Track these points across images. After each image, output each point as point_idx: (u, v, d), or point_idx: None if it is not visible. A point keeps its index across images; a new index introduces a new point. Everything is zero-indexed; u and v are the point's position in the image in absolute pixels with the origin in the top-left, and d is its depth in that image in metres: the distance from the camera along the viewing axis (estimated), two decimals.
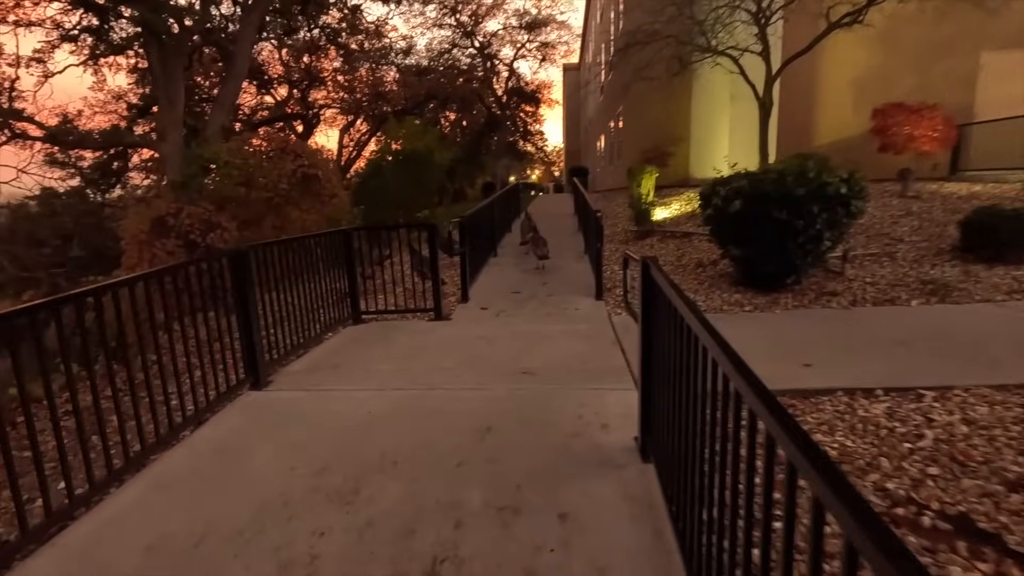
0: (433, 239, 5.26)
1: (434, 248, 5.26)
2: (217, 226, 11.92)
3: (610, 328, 4.77)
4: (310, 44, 23.31)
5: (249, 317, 3.63)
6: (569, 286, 6.56)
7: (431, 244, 5.27)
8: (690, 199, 10.36)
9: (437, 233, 5.26)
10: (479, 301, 6.05)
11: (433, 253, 5.26)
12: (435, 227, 5.24)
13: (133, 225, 11.44)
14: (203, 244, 11.78)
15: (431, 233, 5.25)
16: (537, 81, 39.13)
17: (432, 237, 5.26)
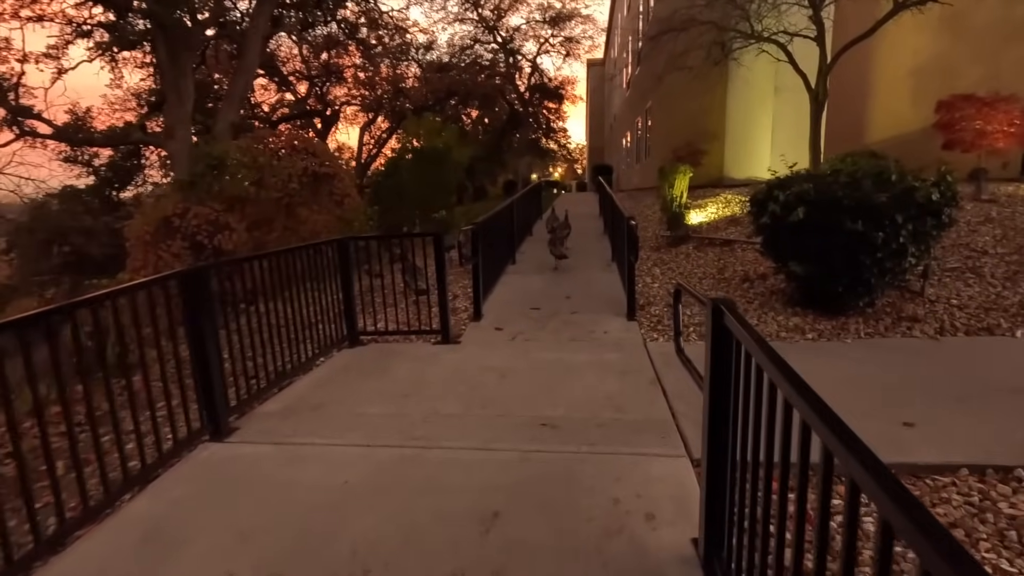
0: (439, 249, 4.56)
1: (440, 258, 4.56)
2: (225, 227, 11.46)
3: (647, 359, 4.01)
4: (328, 40, 22.90)
5: (206, 353, 2.97)
6: (596, 302, 5.80)
7: (437, 255, 4.57)
8: (727, 201, 9.48)
9: (442, 243, 4.56)
10: (493, 319, 5.34)
11: (440, 264, 4.57)
12: (440, 236, 4.54)
13: (138, 226, 11.03)
14: (210, 246, 11.31)
15: (436, 243, 4.55)
16: (560, 77, 38.24)
17: (438, 247, 4.56)
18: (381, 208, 15.45)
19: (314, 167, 12.23)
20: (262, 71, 23.79)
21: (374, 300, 5.23)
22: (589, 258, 8.26)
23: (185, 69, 11.99)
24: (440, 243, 4.56)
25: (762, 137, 11.17)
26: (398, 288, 5.92)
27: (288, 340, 3.92)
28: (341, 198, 12.82)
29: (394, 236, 4.76)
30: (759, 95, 10.89)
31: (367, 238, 4.61)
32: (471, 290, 6.56)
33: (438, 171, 15.86)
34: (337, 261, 4.59)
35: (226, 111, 11.93)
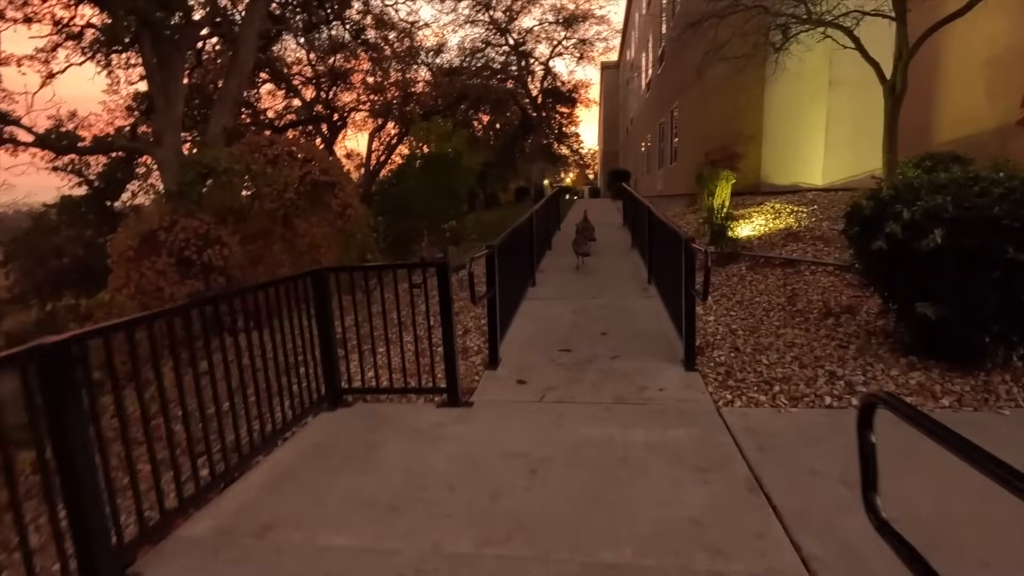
0: (444, 282, 3.49)
1: (445, 294, 3.49)
2: (216, 241, 10.52)
3: (728, 438, 2.91)
4: (335, 43, 22.07)
5: (75, 468, 1.90)
6: (640, 341, 4.69)
7: (441, 290, 3.50)
8: (776, 211, 8.32)
9: (447, 275, 3.48)
10: (514, 366, 4.25)
11: (445, 303, 3.50)
12: (444, 267, 3.46)
13: (121, 241, 10.11)
14: (199, 262, 10.39)
15: (440, 275, 3.48)
16: (574, 80, 37.15)
17: (442, 279, 3.49)
18: (387, 219, 14.47)
19: (313, 175, 11.27)
20: (267, 76, 23.08)
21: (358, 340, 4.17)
22: (621, 280, 7.14)
23: (175, 70, 11.10)
24: (445, 275, 3.48)
25: (812, 138, 9.99)
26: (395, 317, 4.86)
27: (242, 408, 2.88)
28: (343, 208, 11.84)
29: (384, 267, 3.68)
30: (809, 90, 9.70)
31: (350, 269, 3.57)
32: (484, 322, 5.50)
33: (448, 178, 14.84)
34: (313, 297, 3.55)
35: (218, 114, 11.00)
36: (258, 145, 11.25)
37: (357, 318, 3.82)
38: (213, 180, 10.90)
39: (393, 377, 3.94)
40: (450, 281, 3.49)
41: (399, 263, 5.33)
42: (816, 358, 3.90)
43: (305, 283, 3.48)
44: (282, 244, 11.43)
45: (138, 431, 2.42)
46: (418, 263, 3.67)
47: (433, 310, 3.63)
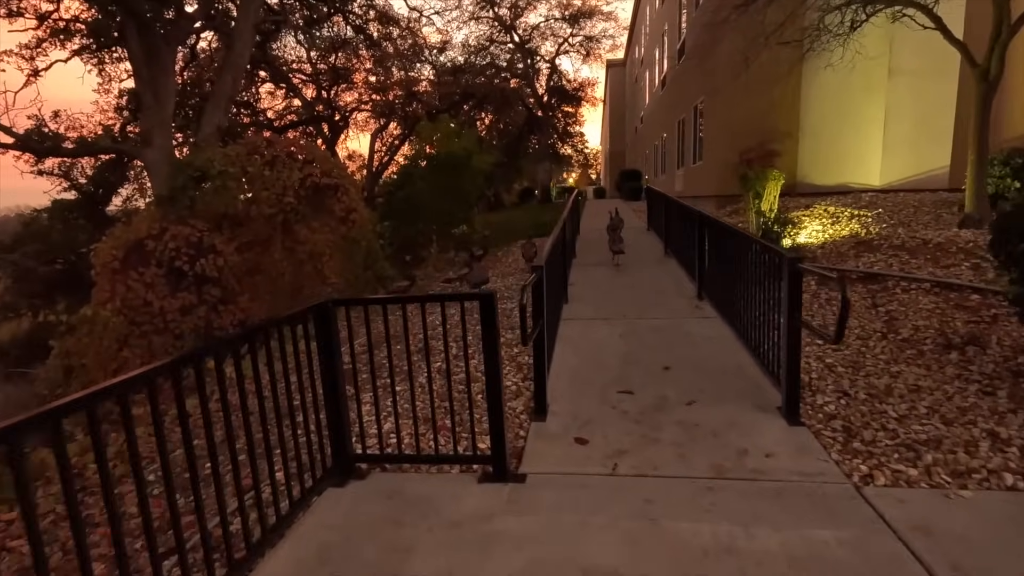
0: (490, 317, 2.64)
1: (491, 334, 2.63)
2: (210, 250, 9.69)
3: (898, 546, 2.07)
4: (336, 40, 21.28)
5: None
6: (713, 378, 3.85)
7: (485, 330, 2.65)
8: (832, 215, 7.45)
9: (494, 308, 2.63)
10: (567, 416, 3.41)
11: (490, 345, 2.65)
12: (490, 298, 2.61)
13: (105, 251, 9.29)
14: (191, 273, 9.59)
15: (484, 308, 2.62)
16: (580, 79, 36.34)
17: (488, 316, 2.64)
18: (393, 224, 13.64)
19: (315, 177, 10.44)
20: (266, 74, 22.29)
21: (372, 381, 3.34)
22: (665, 295, 6.29)
23: (165, 66, 10.28)
24: (491, 309, 2.63)
25: (867, 134, 9.13)
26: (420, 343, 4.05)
27: (214, 498, 2.05)
28: (347, 213, 11.02)
29: (410, 299, 2.84)
30: (862, 81, 8.83)
31: (364, 302, 2.72)
32: (517, 350, 4.66)
33: (456, 180, 14.01)
34: (317, 336, 2.71)
35: (212, 112, 10.18)
36: (255, 146, 10.41)
37: (373, 360, 2.97)
38: (207, 184, 10.09)
39: (419, 435, 3.09)
40: (497, 316, 2.65)
41: (430, 296, 4.42)
42: (960, 410, 3.05)
43: (306, 322, 2.65)
44: (282, 252, 10.62)
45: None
46: (458, 295, 2.79)
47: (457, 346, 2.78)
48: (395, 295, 6.28)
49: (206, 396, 2.09)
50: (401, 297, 2.89)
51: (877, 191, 8.67)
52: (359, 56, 23.86)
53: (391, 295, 5.51)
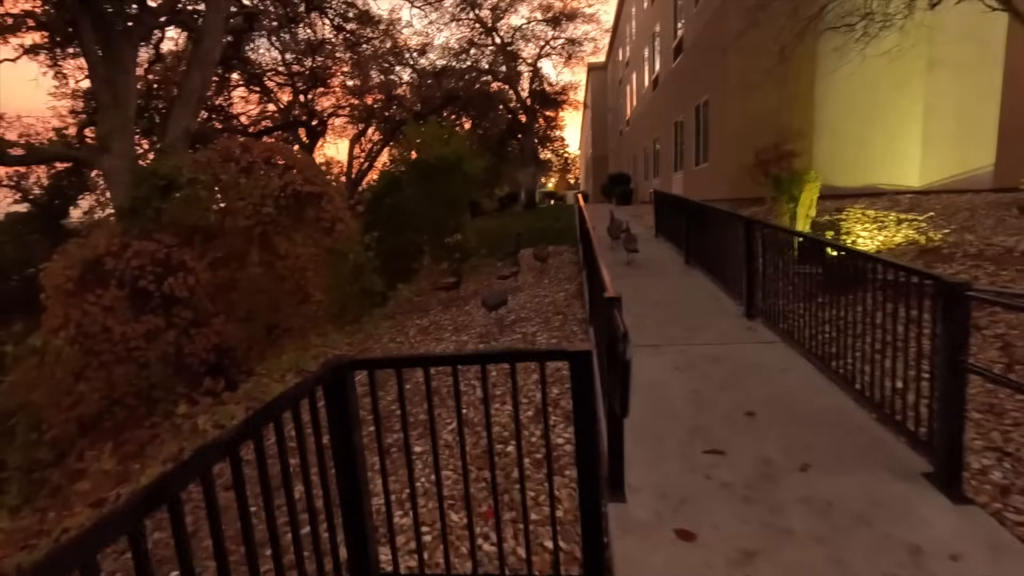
0: (585, 385, 1.82)
1: (586, 407, 1.83)
2: (179, 267, 8.70)
3: None
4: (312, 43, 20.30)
5: None
6: (815, 427, 3.11)
7: (579, 397, 1.83)
8: (874, 219, 6.81)
9: (592, 372, 1.82)
10: (652, 493, 2.62)
11: (585, 424, 1.83)
12: (588, 360, 1.81)
13: (57, 271, 8.22)
14: (158, 293, 8.58)
15: (579, 374, 1.81)
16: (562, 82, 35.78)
17: (583, 382, 1.82)
18: (380, 234, 12.72)
19: (296, 185, 9.51)
20: (239, 77, 21.19)
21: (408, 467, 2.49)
22: (704, 313, 5.55)
23: (126, 64, 9.27)
24: (587, 372, 1.82)
25: (902, 131, 8.57)
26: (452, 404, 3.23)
27: None
28: (331, 223, 10.09)
29: (465, 358, 2.03)
30: (893, 75, 8.27)
31: (397, 363, 1.90)
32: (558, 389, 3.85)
33: (447, 186, 13.15)
34: (329, 410, 1.87)
35: (179, 114, 9.19)
36: (229, 151, 9.42)
37: (408, 441, 2.13)
38: (174, 193, 9.08)
39: (474, 537, 2.25)
40: (595, 382, 1.84)
41: (491, 353, 3.40)
42: None
43: (313, 393, 1.80)
44: (260, 267, 9.64)
45: None
46: (537, 352, 1.94)
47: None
48: (424, 355, 5.48)
49: (185, 535, 1.25)
50: (453, 356, 2.01)
51: (916, 193, 8.12)
52: (336, 59, 22.91)
53: (445, 355, 4.60)
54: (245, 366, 9.32)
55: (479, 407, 3.66)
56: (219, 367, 9.12)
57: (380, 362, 1.98)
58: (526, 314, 6.02)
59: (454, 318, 6.51)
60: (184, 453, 3.81)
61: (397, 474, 3.09)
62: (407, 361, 1.87)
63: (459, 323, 6.18)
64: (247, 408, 4.50)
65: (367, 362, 1.88)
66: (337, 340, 6.86)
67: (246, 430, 1.41)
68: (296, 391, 1.66)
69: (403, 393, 1.85)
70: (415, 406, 3.90)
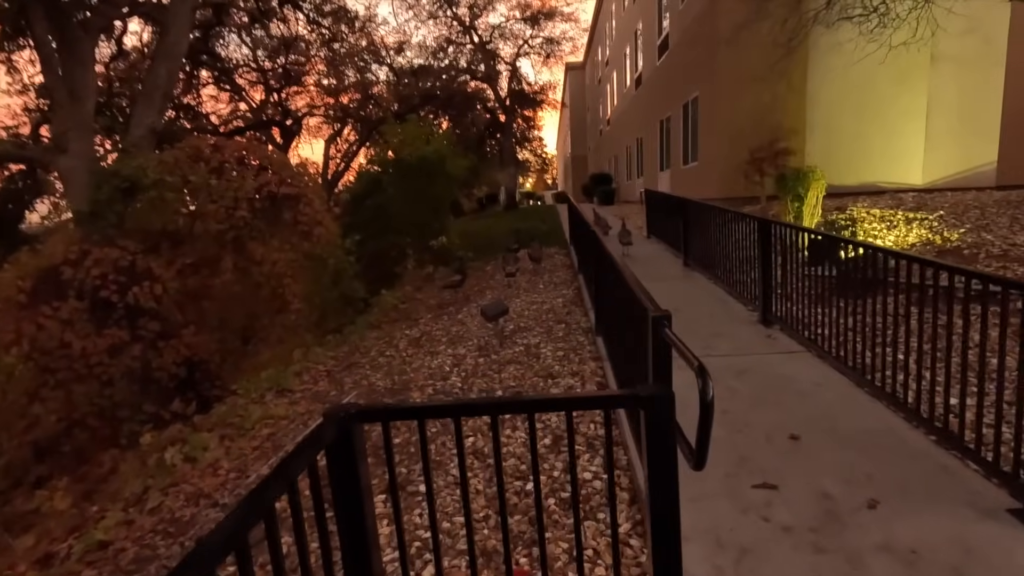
0: (661, 431, 1.44)
1: (665, 463, 1.44)
2: (145, 275, 8.12)
3: None
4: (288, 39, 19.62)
5: None
6: (865, 452, 2.81)
7: (654, 446, 1.45)
8: (881, 218, 6.59)
9: (670, 416, 1.44)
10: (707, 542, 2.27)
11: (664, 483, 1.45)
12: (668, 404, 1.43)
13: (8, 282, 7.55)
14: (121, 304, 7.98)
15: (657, 419, 1.43)
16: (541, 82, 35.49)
17: (659, 429, 1.44)
18: (360, 236, 12.19)
19: (271, 187, 8.96)
20: (209, 75, 20.35)
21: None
22: (715, 318, 5.24)
23: (84, 57, 8.61)
24: (664, 417, 1.44)
25: (903, 128, 8.42)
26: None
27: None
28: (310, 227, 9.56)
29: (514, 405, 1.65)
30: (895, 70, 8.07)
31: (422, 412, 1.52)
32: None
33: (430, 187, 12.69)
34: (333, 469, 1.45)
35: (144, 111, 8.56)
36: (199, 151, 8.82)
37: (433, 514, 1.73)
38: (138, 196, 8.46)
39: None
40: (674, 428, 1.45)
41: (531, 399, 2.77)
42: None
43: (313, 465, 1.37)
44: (234, 274, 9.07)
45: None
46: (602, 397, 1.52)
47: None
48: (454, 403, 5.06)
49: None
50: (491, 403, 1.58)
51: (919, 191, 7.97)
52: (311, 57, 22.21)
53: (487, 400, 4.11)
54: (219, 380, 8.75)
55: (513, 459, 3.27)
56: (191, 382, 8.54)
57: (396, 411, 1.56)
58: (525, 323, 5.63)
59: (447, 328, 6.09)
60: (148, 495, 3.32)
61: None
62: (432, 410, 1.46)
63: (453, 334, 5.76)
64: (221, 437, 4.01)
65: (379, 411, 1.47)
66: (320, 354, 6.37)
67: (229, 536, 0.98)
68: (291, 463, 1.24)
69: (427, 455, 1.44)
70: (427, 455, 3.47)
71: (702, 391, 1.63)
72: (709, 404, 1.59)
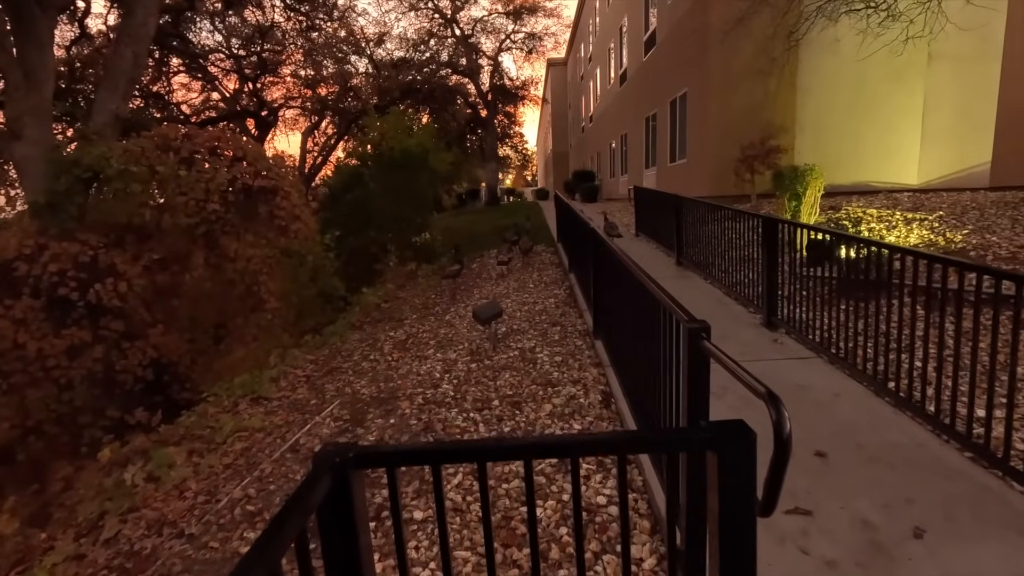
0: (740, 477, 1.18)
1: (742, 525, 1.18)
2: (108, 271, 7.63)
3: None
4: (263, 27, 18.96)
5: None
6: (897, 470, 2.62)
7: (727, 498, 1.19)
8: (880, 219, 6.47)
9: (752, 462, 1.19)
10: None
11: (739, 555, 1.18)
12: (750, 445, 1.17)
13: None
14: (82, 302, 7.50)
15: (735, 464, 1.17)
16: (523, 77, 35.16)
17: (735, 477, 1.18)
18: (340, 231, 11.76)
19: (246, 179, 8.51)
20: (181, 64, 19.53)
21: None
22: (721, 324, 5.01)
23: (40, 37, 8.03)
24: (746, 463, 1.17)
25: (897, 126, 8.32)
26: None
27: None
28: (286, 221, 9.12)
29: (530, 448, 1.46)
30: (890, 67, 7.97)
31: (436, 455, 1.26)
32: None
33: (413, 181, 12.31)
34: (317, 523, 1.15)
35: (107, 96, 8.02)
36: (167, 140, 8.32)
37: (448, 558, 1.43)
38: (102, 187, 7.93)
39: None
40: (753, 479, 1.19)
41: (574, 439, 2.47)
42: None
43: (303, 531, 1.07)
44: (205, 270, 8.61)
45: None
46: (675, 435, 1.25)
47: None
48: (476, 444, 4.78)
49: None
50: (523, 444, 1.27)
51: (914, 191, 7.90)
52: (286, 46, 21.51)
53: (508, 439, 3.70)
54: (190, 382, 8.31)
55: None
56: (159, 384, 8.08)
57: (405, 454, 1.25)
58: (518, 324, 5.34)
59: (434, 329, 5.77)
60: (105, 521, 2.96)
61: None
62: (450, 453, 1.17)
63: (442, 336, 5.44)
64: (189, 452, 3.65)
65: (384, 454, 1.17)
66: (298, 357, 6.00)
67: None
68: (276, 533, 0.93)
69: (443, 506, 1.14)
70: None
71: (777, 425, 1.38)
72: (786, 441, 1.34)
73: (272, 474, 3.09)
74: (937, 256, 2.93)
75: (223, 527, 2.67)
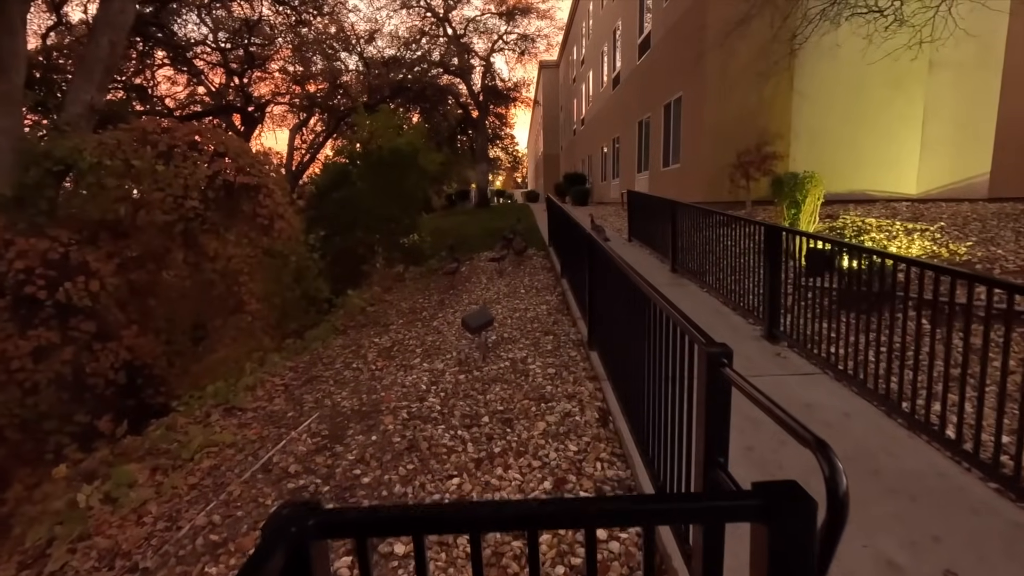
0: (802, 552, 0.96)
1: None
2: (80, 269, 7.28)
3: None
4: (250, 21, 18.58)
5: None
6: (919, 501, 2.45)
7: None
8: (880, 228, 6.33)
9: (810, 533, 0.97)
10: None
11: None
12: (809, 512, 0.96)
13: None
14: (50, 302, 7.16)
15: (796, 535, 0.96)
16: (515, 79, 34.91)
17: (798, 553, 0.96)
18: (327, 232, 11.46)
19: (227, 175, 8.20)
20: (165, 56, 19.07)
21: None
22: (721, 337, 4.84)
23: (11, 23, 7.66)
24: (804, 529, 0.96)
25: (896, 135, 8.22)
26: None
27: None
28: (270, 220, 8.82)
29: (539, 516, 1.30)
30: (889, 75, 7.86)
31: (420, 524, 1.06)
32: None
33: (402, 181, 12.04)
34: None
35: (81, 85, 7.67)
36: (145, 133, 7.98)
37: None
38: (74, 181, 7.58)
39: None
40: (812, 552, 0.97)
41: (599, 501, 2.12)
42: None
43: None
44: (183, 269, 8.28)
45: None
46: (722, 502, 1.01)
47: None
48: (470, 506, 4.54)
49: None
50: (533, 506, 1.02)
51: (913, 201, 7.80)
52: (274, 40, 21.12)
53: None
54: (165, 385, 7.97)
55: None
56: (132, 388, 7.73)
57: (378, 522, 0.98)
58: (509, 333, 5.12)
59: (421, 336, 5.52)
60: (53, 548, 2.68)
61: None
62: (432, 522, 0.93)
63: (429, 344, 5.20)
64: (152, 469, 3.37)
65: (352, 522, 0.93)
66: (277, 363, 5.71)
67: None
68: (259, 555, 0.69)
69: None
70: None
71: (831, 481, 1.16)
72: (843, 500, 1.12)
73: (240, 497, 2.83)
74: (963, 271, 2.75)
75: (182, 559, 2.41)
